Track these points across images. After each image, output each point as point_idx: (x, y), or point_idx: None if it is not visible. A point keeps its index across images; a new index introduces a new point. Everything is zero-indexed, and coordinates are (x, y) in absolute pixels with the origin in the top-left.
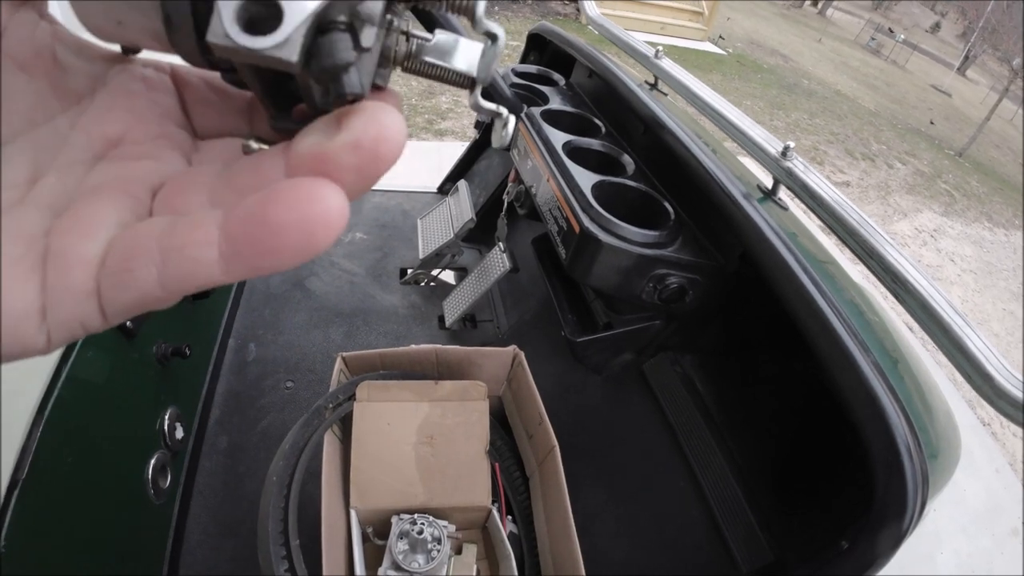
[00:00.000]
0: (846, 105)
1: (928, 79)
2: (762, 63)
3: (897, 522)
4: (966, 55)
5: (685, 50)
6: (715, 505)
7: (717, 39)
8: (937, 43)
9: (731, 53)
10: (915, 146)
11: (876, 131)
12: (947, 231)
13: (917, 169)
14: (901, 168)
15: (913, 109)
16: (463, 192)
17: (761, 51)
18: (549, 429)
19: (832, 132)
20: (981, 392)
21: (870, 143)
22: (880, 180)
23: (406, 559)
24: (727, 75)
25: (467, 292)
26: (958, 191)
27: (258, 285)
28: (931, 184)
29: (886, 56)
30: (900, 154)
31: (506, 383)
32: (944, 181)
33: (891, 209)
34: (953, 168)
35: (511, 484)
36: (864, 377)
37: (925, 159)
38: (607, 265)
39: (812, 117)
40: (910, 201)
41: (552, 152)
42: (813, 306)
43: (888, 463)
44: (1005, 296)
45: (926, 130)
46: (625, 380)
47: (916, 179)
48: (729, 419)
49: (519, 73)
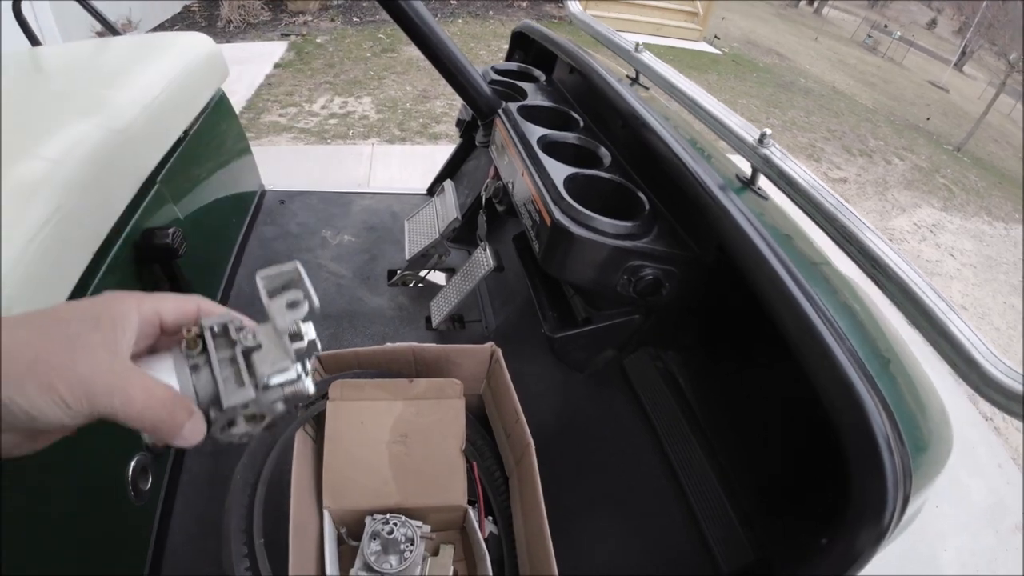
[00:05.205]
0: (843, 102)
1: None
2: (758, 62)
3: (877, 517)
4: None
5: (680, 50)
6: (696, 504)
7: (712, 39)
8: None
9: (726, 53)
10: (913, 142)
11: (873, 128)
12: (946, 226)
13: (915, 165)
14: (899, 164)
15: (911, 105)
16: (449, 192)
17: (757, 50)
18: (525, 427)
19: (829, 129)
20: (967, 379)
21: (867, 139)
22: (878, 176)
23: (378, 560)
24: (723, 75)
25: (453, 292)
26: (957, 186)
27: (245, 287)
28: (929, 179)
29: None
30: (898, 150)
31: (485, 381)
32: (942, 176)
33: (889, 204)
34: (951, 163)
35: (491, 484)
36: (839, 365)
37: (923, 155)
38: (580, 258)
39: (809, 115)
40: (908, 196)
41: (527, 146)
42: (784, 291)
43: (866, 455)
44: (1005, 290)
45: (924, 126)
46: (607, 378)
47: (914, 174)
48: (711, 416)
49: (499, 71)
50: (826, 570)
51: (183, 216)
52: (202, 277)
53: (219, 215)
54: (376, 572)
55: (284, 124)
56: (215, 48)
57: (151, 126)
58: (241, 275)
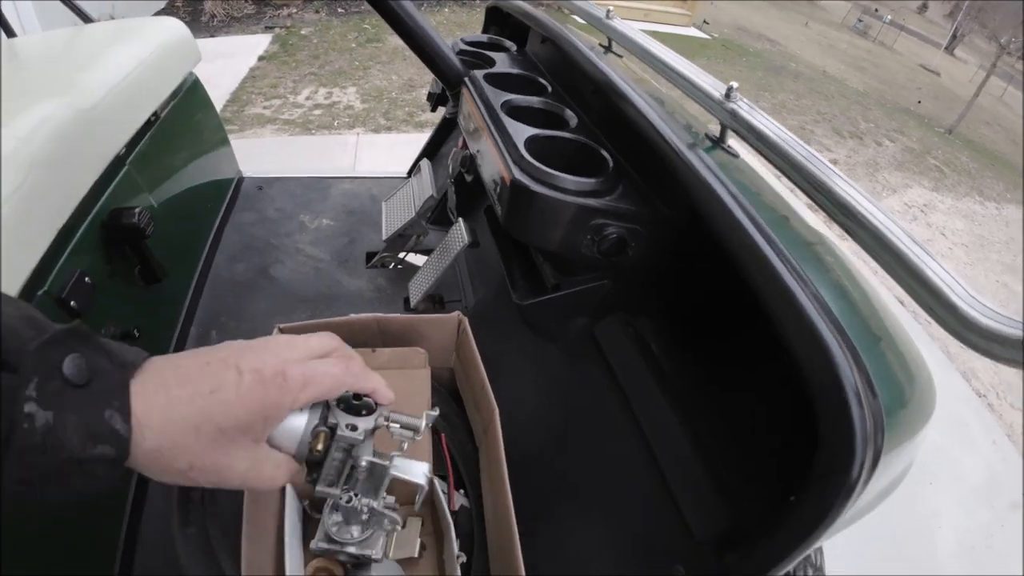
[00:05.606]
0: (833, 86)
1: (916, 59)
2: (748, 47)
3: (845, 469)
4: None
5: (668, 36)
6: (668, 471)
7: (701, 24)
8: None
9: (716, 38)
10: (904, 124)
11: (864, 111)
12: (937, 206)
13: (906, 146)
14: (890, 146)
15: (902, 89)
16: (425, 171)
17: (747, 36)
18: (490, 394)
19: (819, 112)
20: (946, 325)
21: (858, 122)
22: (868, 157)
23: (340, 531)
24: (711, 59)
25: (430, 270)
26: (948, 167)
27: (222, 273)
28: (920, 160)
29: (874, 37)
30: (888, 132)
31: (455, 353)
32: (933, 157)
33: (880, 185)
34: (943, 145)
35: (462, 456)
36: (803, 311)
37: (914, 136)
38: (542, 217)
39: (799, 98)
40: (899, 177)
41: (490, 110)
42: (747, 241)
43: (832, 405)
44: (998, 268)
45: (915, 109)
46: (580, 349)
47: (905, 156)
48: (684, 381)
49: (468, 42)
50: (796, 527)
51: (155, 199)
52: (176, 260)
53: (193, 200)
54: (336, 543)
55: (268, 116)
56: (186, 32)
57: (118, 106)
58: (219, 260)
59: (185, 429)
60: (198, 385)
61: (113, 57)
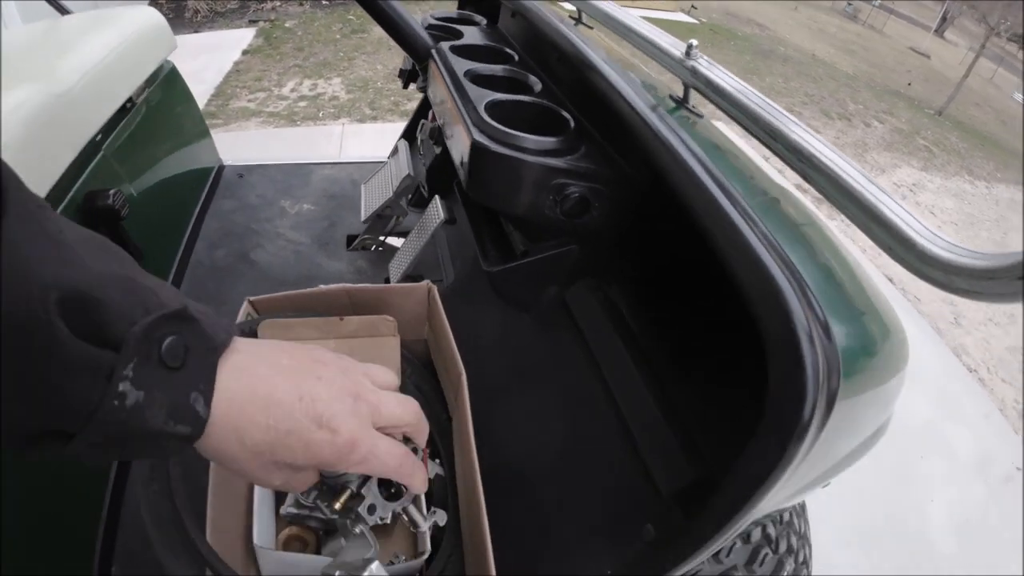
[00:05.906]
0: (822, 69)
1: (906, 42)
2: (737, 31)
3: (796, 407)
4: (943, 16)
5: (656, 21)
6: (637, 433)
7: (689, 8)
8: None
9: (704, 23)
10: (893, 106)
11: (853, 93)
12: (926, 185)
13: (895, 127)
14: (878, 127)
15: (891, 72)
16: (403, 151)
17: (736, 20)
18: (457, 357)
19: (807, 94)
20: (906, 264)
21: (847, 104)
22: (857, 138)
23: (307, 496)
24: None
25: (409, 249)
26: (937, 147)
27: (203, 259)
28: (909, 141)
29: (863, 21)
30: (878, 113)
31: (428, 324)
32: (923, 138)
33: (868, 165)
34: (932, 126)
35: (437, 425)
36: (751, 249)
37: (903, 118)
38: (502, 178)
39: (787, 81)
40: (888, 157)
41: (453, 78)
42: (706, 194)
43: (782, 342)
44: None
45: (905, 91)
46: (552, 317)
47: (894, 137)
48: (651, 340)
49: (438, 17)
50: (752, 472)
51: (134, 187)
52: (155, 247)
53: (172, 186)
54: (305, 507)
55: (253, 109)
56: (160, 20)
57: (91, 91)
58: (199, 247)
59: (248, 450)
60: (278, 418)
61: (87, 44)
